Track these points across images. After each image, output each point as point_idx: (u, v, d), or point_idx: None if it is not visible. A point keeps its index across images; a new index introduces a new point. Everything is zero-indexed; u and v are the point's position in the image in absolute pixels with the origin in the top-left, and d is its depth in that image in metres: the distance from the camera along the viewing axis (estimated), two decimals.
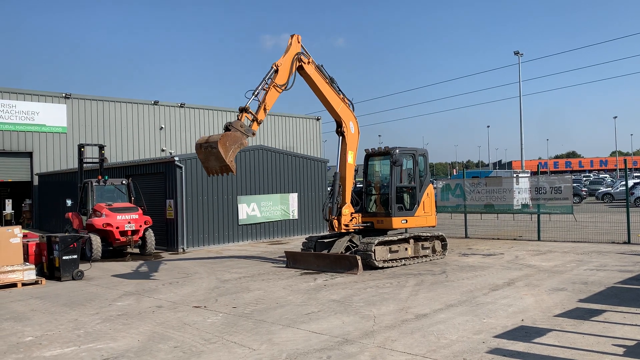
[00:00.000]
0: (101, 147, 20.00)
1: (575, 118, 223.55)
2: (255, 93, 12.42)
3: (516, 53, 50.93)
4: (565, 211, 18.03)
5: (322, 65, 14.04)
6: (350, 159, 14.44)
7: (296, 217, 22.74)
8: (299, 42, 13.53)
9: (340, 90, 14.37)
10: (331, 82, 14.19)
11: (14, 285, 12.45)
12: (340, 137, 14.46)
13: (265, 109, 12.53)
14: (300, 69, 13.56)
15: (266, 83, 12.66)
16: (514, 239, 18.84)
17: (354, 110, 14.67)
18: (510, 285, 10.73)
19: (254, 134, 12.15)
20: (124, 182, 19.05)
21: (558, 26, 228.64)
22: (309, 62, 13.64)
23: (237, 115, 12.22)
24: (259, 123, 12.40)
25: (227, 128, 11.72)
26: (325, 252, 14.11)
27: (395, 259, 13.67)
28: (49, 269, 13.74)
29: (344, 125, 14.31)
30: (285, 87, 13.06)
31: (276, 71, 12.83)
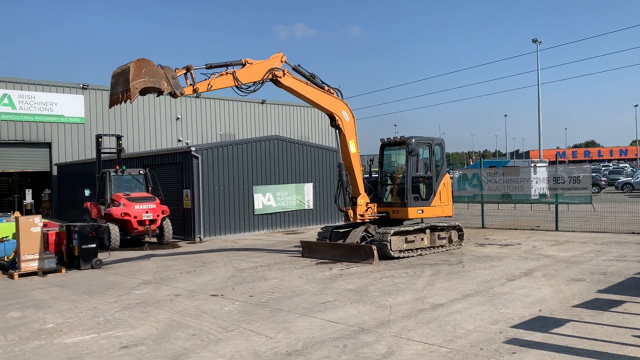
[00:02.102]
0: (119, 138, 20.18)
1: (594, 106, 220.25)
2: (212, 66, 11.94)
3: (534, 41, 50.17)
4: (584, 201, 17.81)
5: (299, 65, 13.38)
6: (353, 148, 14.00)
7: (311, 207, 22.77)
8: (281, 61, 12.90)
9: (323, 82, 13.71)
10: (312, 79, 13.51)
11: (34, 273, 12.67)
12: (337, 130, 13.97)
13: (209, 86, 11.88)
14: (277, 83, 12.93)
15: (227, 67, 12.17)
16: (532, 229, 18.68)
17: (342, 96, 14.07)
18: (527, 276, 10.66)
19: (181, 94, 11.36)
20: (141, 172, 19.22)
21: (577, 13, 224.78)
22: (284, 74, 12.90)
23: (176, 68, 11.58)
24: (194, 91, 11.71)
25: (159, 65, 10.97)
26: (340, 241, 14.12)
27: (411, 249, 13.64)
28: (69, 257, 13.95)
29: (337, 117, 13.77)
30: (240, 87, 12.36)
31: (243, 65, 12.40)
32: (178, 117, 34.68)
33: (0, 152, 28.30)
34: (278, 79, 12.81)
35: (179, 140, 34.48)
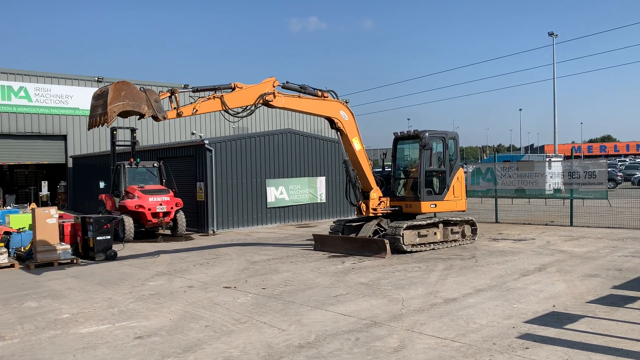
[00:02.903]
0: (133, 130, 20.31)
1: (610, 101, 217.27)
2: (199, 89, 11.53)
3: (550, 34, 49.62)
4: (600, 196, 17.62)
5: (287, 82, 12.87)
6: (357, 144, 13.76)
7: (324, 200, 22.78)
8: (273, 86, 12.39)
9: (315, 89, 13.25)
10: (303, 90, 13.06)
11: (50, 264, 12.84)
12: (338, 132, 13.71)
13: (195, 110, 11.39)
14: (268, 104, 12.44)
15: (215, 91, 11.74)
16: (546, 224, 18.53)
17: (337, 96, 13.67)
18: (541, 271, 10.58)
19: (164, 118, 10.84)
20: (155, 164, 19.35)
21: (594, 5, 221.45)
22: (275, 97, 12.38)
23: (160, 91, 11.28)
24: (178, 115, 11.19)
25: (141, 88, 10.57)
26: (353, 235, 14.12)
27: (424, 244, 13.60)
28: (84, 249, 14.11)
29: (336, 120, 13.50)
30: (228, 112, 11.86)
31: (232, 89, 11.99)
32: None
33: (17, 144, 28.64)
34: (269, 102, 12.34)
35: (193, 134, 34.63)
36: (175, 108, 11.18)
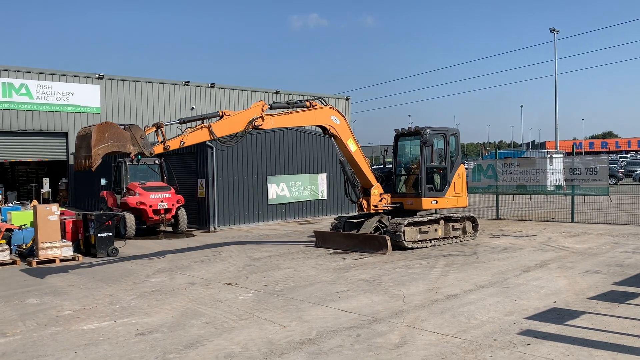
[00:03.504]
0: None
1: (612, 97, 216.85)
2: (185, 120, 11.35)
3: (552, 30, 49.48)
4: (601, 193, 17.60)
5: (274, 102, 12.76)
6: (352, 146, 13.64)
7: (325, 197, 22.78)
8: (262, 110, 12.15)
9: (302, 102, 13.08)
10: (291, 106, 12.87)
11: (52, 261, 12.86)
12: (332, 138, 13.49)
13: (182, 142, 11.13)
14: (258, 128, 12.24)
15: (202, 120, 11.53)
16: (547, 221, 18.52)
17: (325, 102, 13.51)
18: (542, 267, 10.58)
19: (150, 154, 10.64)
20: (156, 161, 19.35)
21: (596, 1, 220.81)
22: (264, 120, 12.11)
23: (146, 126, 11.13)
24: (165, 149, 10.89)
25: (125, 127, 10.48)
26: (354, 232, 14.13)
27: (425, 240, 13.61)
28: (85, 245, 14.13)
29: (328, 127, 13.32)
30: (217, 139, 11.57)
31: (220, 117, 11.70)
32: (192, 107, 34.79)
33: (18, 141, 28.64)
34: (259, 127, 12.15)
35: None
36: (162, 142, 10.88)
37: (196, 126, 11.46)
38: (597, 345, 6.02)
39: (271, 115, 12.40)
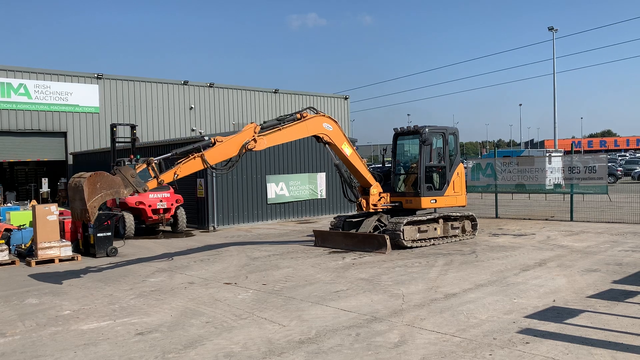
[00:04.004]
0: (133, 127, 20.24)
1: (611, 96, 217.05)
2: (177, 153, 11.08)
3: (550, 29, 49.52)
4: (600, 191, 17.63)
5: (264, 122, 12.54)
6: (347, 149, 13.57)
7: (324, 196, 22.78)
8: (255, 132, 11.97)
9: (292, 115, 12.89)
10: (283, 122, 12.65)
11: (51, 261, 12.85)
12: (326, 145, 13.44)
13: (176, 175, 10.92)
14: (251, 150, 12.16)
15: (194, 149, 11.25)
16: (546, 220, 18.53)
17: (316, 111, 13.39)
18: (541, 266, 10.59)
19: (144, 190, 10.48)
20: (156, 161, 19.29)
21: (593, 0, 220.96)
22: (256, 141, 11.98)
23: (136, 164, 10.77)
24: (159, 183, 10.70)
25: (113, 170, 10.31)
26: (353, 231, 14.13)
27: (424, 239, 13.61)
28: (84, 245, 14.12)
29: (322, 135, 13.15)
30: (211, 167, 11.41)
31: (212, 144, 11.49)
32: (192, 107, 34.78)
33: (17, 141, 28.60)
34: (252, 149, 12.05)
35: (192, 130, 34.60)
36: (155, 177, 10.67)
37: (189, 156, 11.22)
38: (597, 344, 6.03)
39: (264, 135, 12.20)
